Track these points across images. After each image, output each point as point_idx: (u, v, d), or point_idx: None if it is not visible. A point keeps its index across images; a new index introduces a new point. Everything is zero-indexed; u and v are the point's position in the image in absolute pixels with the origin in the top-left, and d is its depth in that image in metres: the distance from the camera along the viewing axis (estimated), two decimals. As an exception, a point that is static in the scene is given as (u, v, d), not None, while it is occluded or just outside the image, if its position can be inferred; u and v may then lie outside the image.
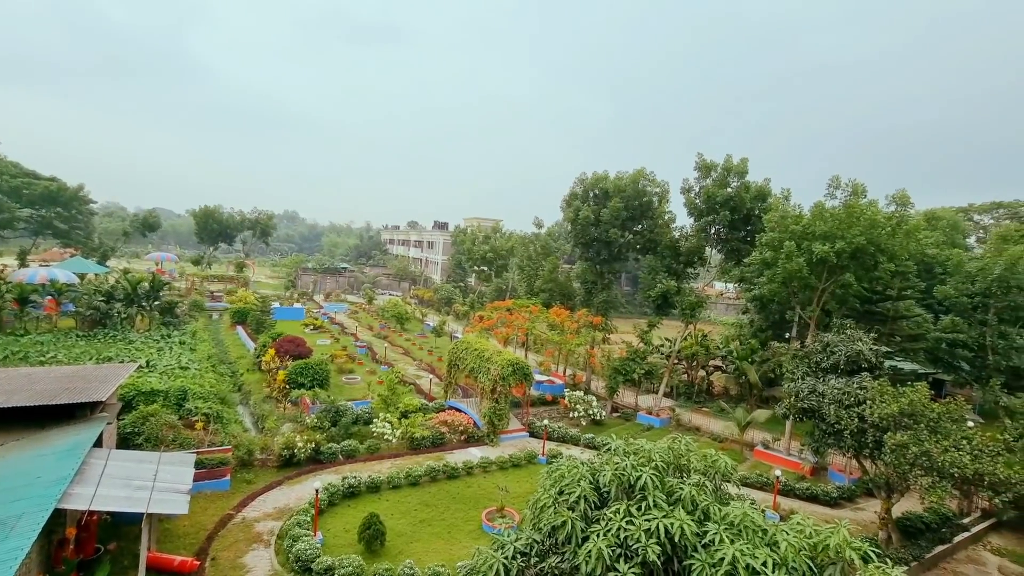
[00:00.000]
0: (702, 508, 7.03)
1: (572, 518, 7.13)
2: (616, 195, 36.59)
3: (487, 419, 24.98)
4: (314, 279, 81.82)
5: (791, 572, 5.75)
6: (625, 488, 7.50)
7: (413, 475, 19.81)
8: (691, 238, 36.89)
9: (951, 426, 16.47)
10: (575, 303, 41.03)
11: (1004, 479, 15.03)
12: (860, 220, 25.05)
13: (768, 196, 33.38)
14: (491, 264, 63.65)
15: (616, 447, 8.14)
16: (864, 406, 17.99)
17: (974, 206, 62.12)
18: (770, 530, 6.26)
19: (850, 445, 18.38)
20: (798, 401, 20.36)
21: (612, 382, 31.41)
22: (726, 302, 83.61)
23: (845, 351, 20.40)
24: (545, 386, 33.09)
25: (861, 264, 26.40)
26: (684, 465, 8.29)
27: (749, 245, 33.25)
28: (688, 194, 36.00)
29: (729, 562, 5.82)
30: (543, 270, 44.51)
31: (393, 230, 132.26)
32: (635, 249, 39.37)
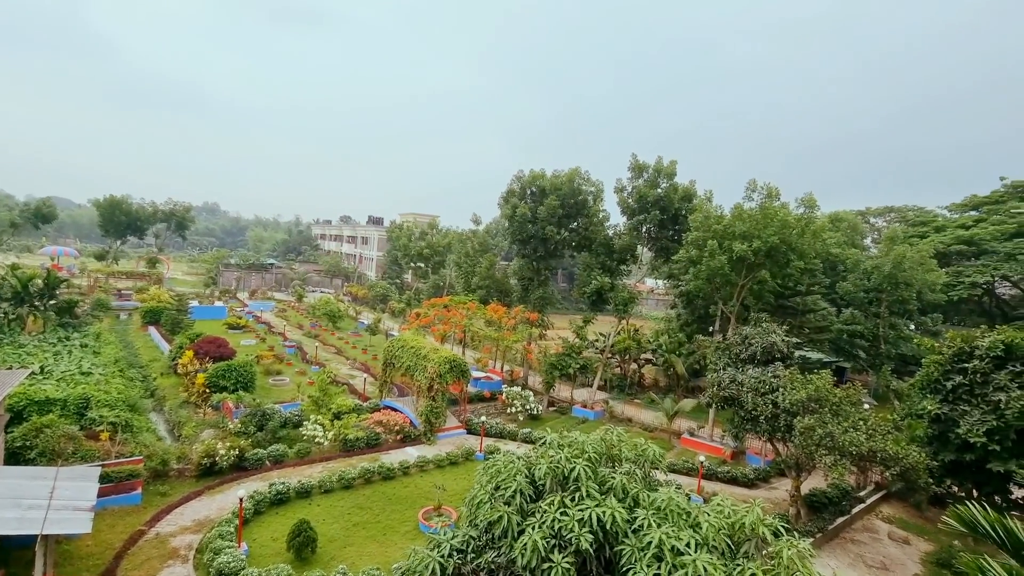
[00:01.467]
0: (632, 495, 7.31)
1: (508, 512, 7.19)
2: (553, 193, 37.16)
3: (424, 417, 24.67)
4: (238, 276, 77.09)
5: (711, 550, 6.11)
6: (560, 480, 7.65)
7: (346, 478, 19.20)
8: (624, 236, 38.17)
9: (850, 409, 18.19)
10: (512, 299, 41.34)
11: (893, 455, 16.77)
12: (774, 221, 26.99)
13: (694, 197, 35.18)
14: (428, 261, 62.79)
15: (551, 440, 8.29)
16: (777, 393, 19.49)
17: (870, 209, 68.58)
18: (693, 513, 6.62)
19: (765, 429, 19.86)
20: (720, 390, 21.70)
21: (549, 377, 31.98)
22: (656, 298, 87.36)
23: (761, 343, 21.98)
24: (483, 383, 33.16)
25: (775, 262, 28.45)
26: (616, 455, 8.59)
27: (677, 243, 34.88)
28: (621, 194, 37.20)
29: (656, 545, 6.10)
30: (480, 267, 44.47)
31: (325, 225, 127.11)
32: (571, 246, 40.19)
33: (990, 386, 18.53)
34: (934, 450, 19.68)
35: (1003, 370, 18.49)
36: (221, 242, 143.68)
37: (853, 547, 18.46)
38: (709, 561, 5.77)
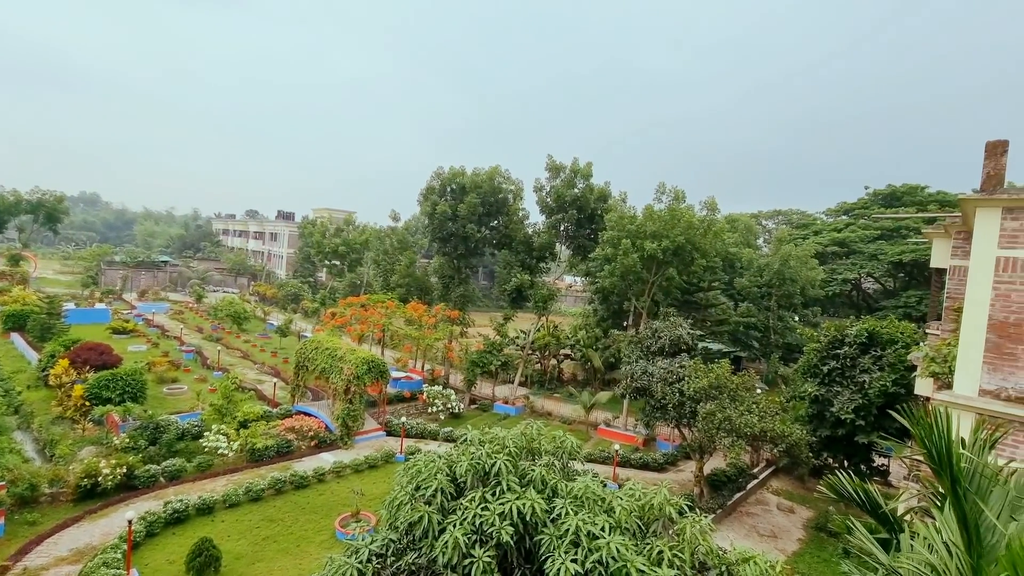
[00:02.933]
0: (551, 486, 7.50)
1: (429, 512, 7.10)
2: (473, 191, 37.21)
3: (340, 421, 23.70)
4: (124, 274, 69.42)
5: (624, 532, 6.44)
6: (481, 476, 7.68)
7: (254, 490, 17.98)
8: (543, 234, 39.11)
9: (745, 394, 19.94)
10: (433, 298, 40.89)
11: (780, 433, 18.62)
12: (680, 222, 28.95)
13: (608, 197, 36.81)
14: (344, 258, 60.32)
15: (472, 437, 8.30)
16: (683, 382, 20.91)
17: (762, 213, 75.48)
18: (608, 498, 6.93)
19: (673, 417, 21.26)
20: (633, 382, 22.91)
21: (470, 375, 31.99)
22: (574, 294, 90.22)
23: (669, 336, 23.47)
24: (403, 383, 32.48)
25: (681, 260, 30.52)
26: (536, 448, 8.77)
27: (593, 242, 36.33)
28: (540, 193, 38.07)
29: (573, 532, 6.32)
30: (400, 264, 43.49)
31: (228, 219, 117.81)
32: (491, 244, 40.52)
33: (857, 369, 21.11)
34: (813, 427, 22.07)
35: (867, 355, 21.14)
36: (103, 237, 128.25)
37: (748, 519, 20.27)
38: (621, 542, 6.08)
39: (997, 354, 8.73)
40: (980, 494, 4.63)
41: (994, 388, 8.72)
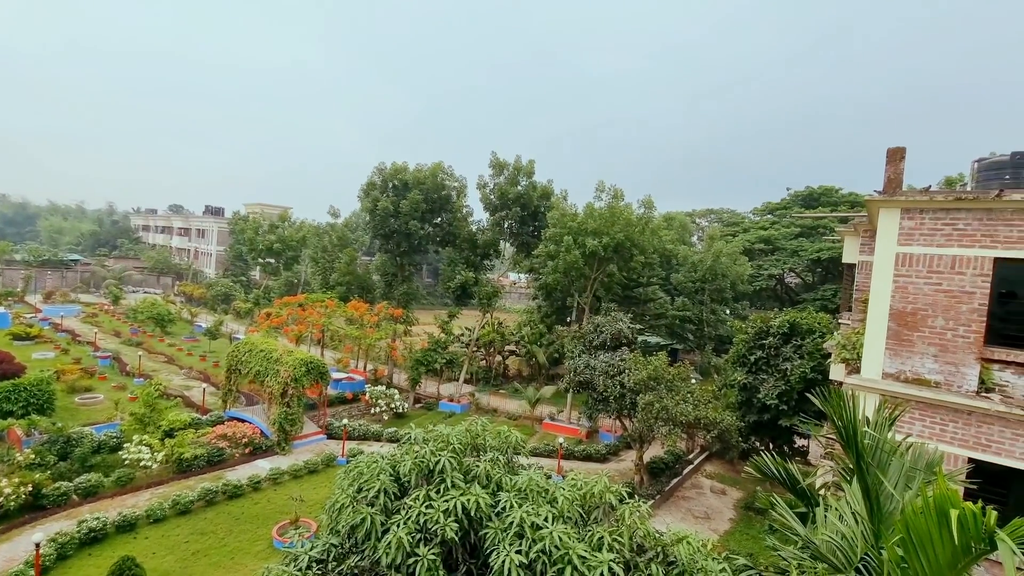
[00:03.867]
0: (496, 481, 7.57)
1: (371, 513, 6.97)
2: (416, 187, 36.57)
3: (277, 426, 22.70)
4: (26, 275, 63.01)
5: (567, 521, 6.61)
6: (425, 474, 7.62)
7: (183, 502, 16.90)
8: (487, 231, 39.09)
9: (681, 384, 20.89)
10: (375, 296, 39.93)
11: (713, 420, 19.67)
12: (619, 219, 29.84)
13: (551, 195, 37.30)
14: (280, 256, 57.61)
15: (416, 436, 8.22)
16: (623, 375, 21.63)
17: (696, 211, 79.16)
18: (551, 490, 7.08)
19: (614, 408, 21.95)
20: (576, 376, 23.44)
21: (414, 373, 31.56)
22: (519, 291, 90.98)
23: (610, 330, 24.18)
24: (344, 384, 31.59)
25: (621, 256, 31.48)
26: (481, 444, 8.80)
27: (536, 239, 36.72)
28: (484, 190, 38.00)
29: (517, 524, 6.41)
30: (340, 262, 42.09)
31: (148, 215, 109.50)
32: (435, 241, 40.01)
33: (780, 358, 22.64)
34: (742, 413, 23.47)
35: (789, 344, 22.72)
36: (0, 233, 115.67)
37: (684, 502, 21.30)
38: (564, 531, 6.23)
39: (897, 340, 9.65)
40: (881, 467, 5.13)
41: (895, 371, 9.64)
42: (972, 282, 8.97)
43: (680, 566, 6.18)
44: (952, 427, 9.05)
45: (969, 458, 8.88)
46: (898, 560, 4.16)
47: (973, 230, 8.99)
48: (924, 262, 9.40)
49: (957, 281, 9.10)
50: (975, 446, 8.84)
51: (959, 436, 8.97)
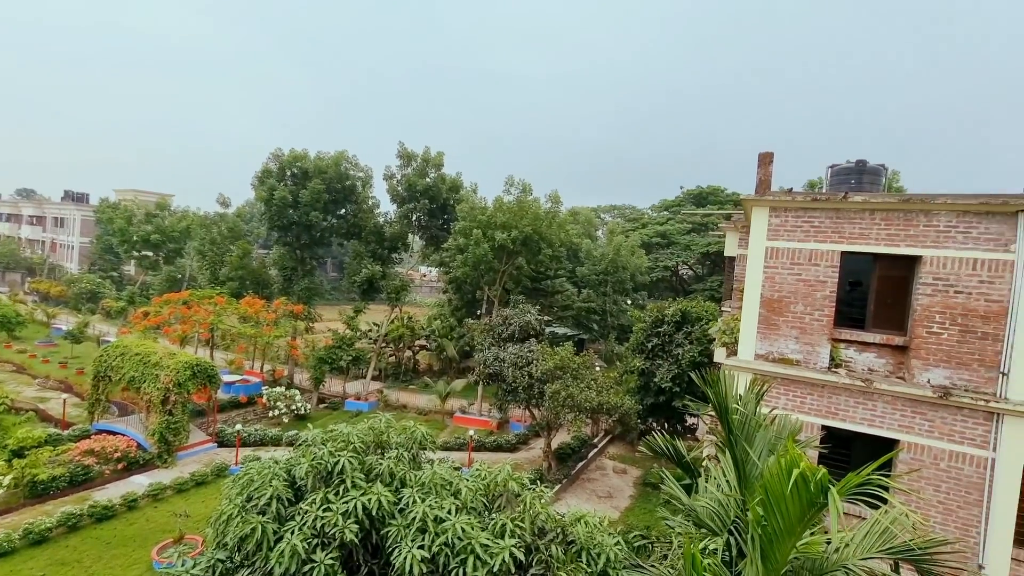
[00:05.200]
0: (399, 478, 7.43)
1: (262, 522, 6.54)
2: (317, 176, 34.59)
3: (157, 437, 20.51)
4: None
5: (470, 512, 6.66)
6: (323, 476, 7.30)
7: (37, 530, 14.74)
8: (395, 224, 38.06)
9: (586, 372, 21.85)
10: (272, 292, 37.34)
11: (614, 405, 20.80)
12: (528, 213, 30.45)
13: (461, 188, 37.14)
14: (159, 249, 51.88)
15: (313, 437, 7.82)
16: (532, 365, 22.17)
17: (601, 207, 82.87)
18: (455, 482, 7.09)
19: (523, 399, 22.45)
20: (486, 368, 23.64)
21: (318, 372, 30.03)
22: (429, 285, 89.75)
23: (519, 322, 24.65)
24: (238, 387, 29.29)
25: (530, 250, 32.16)
26: (385, 442, 8.59)
27: (446, 232, 36.41)
28: (391, 181, 36.91)
29: (420, 519, 6.35)
30: (232, 256, 38.78)
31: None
32: (339, 233, 38.21)
33: (674, 344, 24.44)
34: (641, 397, 25.06)
35: (681, 331, 24.60)
36: None
37: (589, 484, 22.38)
38: (467, 521, 6.28)
39: (766, 325, 10.80)
40: (748, 438, 5.73)
41: (764, 352, 10.79)
42: (825, 272, 10.25)
43: (578, 544, 6.47)
44: (809, 399, 10.31)
45: (823, 425, 10.18)
46: (759, 519, 4.68)
47: (825, 227, 10.26)
48: (788, 255, 10.58)
49: (813, 271, 10.35)
50: (827, 415, 10.15)
51: (815, 407, 10.26)
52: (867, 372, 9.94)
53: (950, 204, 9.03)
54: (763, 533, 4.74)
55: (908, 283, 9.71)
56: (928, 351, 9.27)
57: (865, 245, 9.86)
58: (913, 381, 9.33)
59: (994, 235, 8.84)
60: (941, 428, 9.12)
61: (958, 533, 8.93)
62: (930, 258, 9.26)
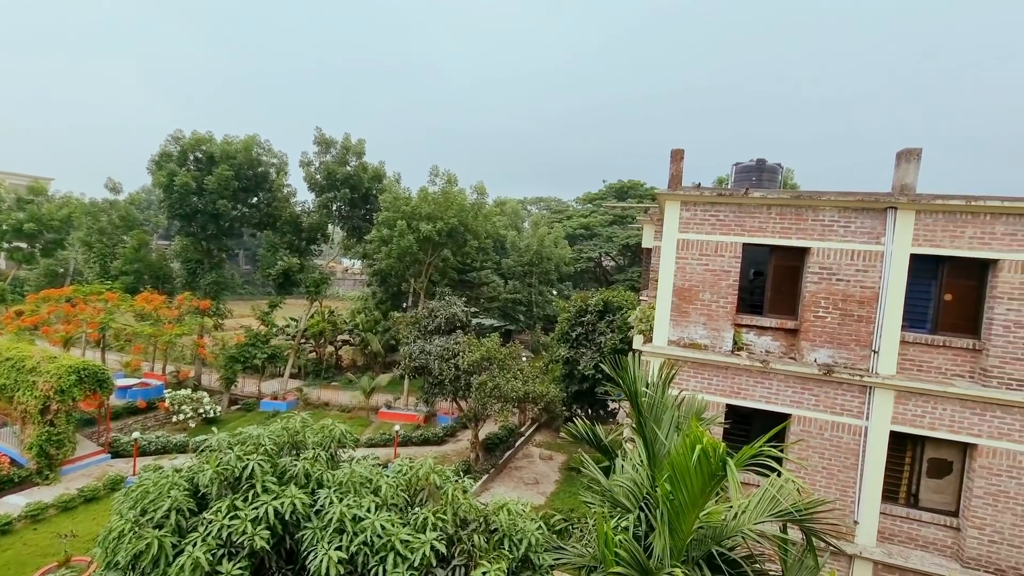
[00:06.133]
0: (316, 479, 7.12)
1: (159, 536, 6.01)
2: (225, 161, 32.01)
3: (36, 451, 18.26)
4: None
5: (391, 508, 6.53)
6: (231, 482, 6.83)
7: None
8: (313, 214, 36.18)
9: (512, 363, 22.12)
10: (175, 286, 34.31)
11: (540, 393, 21.26)
12: (453, 204, 30.14)
13: (383, 178, 35.96)
14: (35, 239, 45.83)
15: (218, 442, 7.29)
16: (458, 357, 22.09)
17: (527, 199, 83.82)
18: (375, 479, 6.91)
19: (450, 391, 22.33)
20: (412, 361, 23.23)
21: (229, 372, 28.07)
22: (353, 278, 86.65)
23: (445, 314, 24.42)
24: (136, 391, 26.80)
25: (456, 241, 31.89)
26: (300, 442, 8.18)
27: (369, 223, 35.17)
28: (308, 168, 34.96)
29: (337, 519, 6.12)
30: (125, 247, 35.11)
31: None
32: (251, 224, 35.72)
33: (596, 332, 25.36)
34: (566, 384, 25.81)
35: (603, 320, 25.56)
36: None
37: (516, 472, 22.77)
38: (387, 518, 6.15)
39: (678, 312, 11.45)
40: (657, 419, 6.06)
41: (676, 338, 11.46)
42: (729, 263, 11.03)
43: (501, 532, 6.55)
44: (716, 380, 11.10)
45: (727, 404, 11.00)
46: (667, 494, 4.98)
47: (729, 220, 11.03)
48: (697, 246, 11.26)
49: (719, 262, 11.10)
50: (730, 394, 10.98)
51: (720, 387, 11.06)
52: (765, 354, 10.85)
53: (833, 201, 10.01)
54: (671, 507, 5.05)
55: (799, 272, 10.68)
56: (815, 333, 10.27)
57: (763, 237, 10.71)
58: (802, 360, 10.32)
59: (868, 229, 9.92)
60: (825, 402, 10.17)
61: (839, 494, 10.04)
62: (817, 249, 10.23)
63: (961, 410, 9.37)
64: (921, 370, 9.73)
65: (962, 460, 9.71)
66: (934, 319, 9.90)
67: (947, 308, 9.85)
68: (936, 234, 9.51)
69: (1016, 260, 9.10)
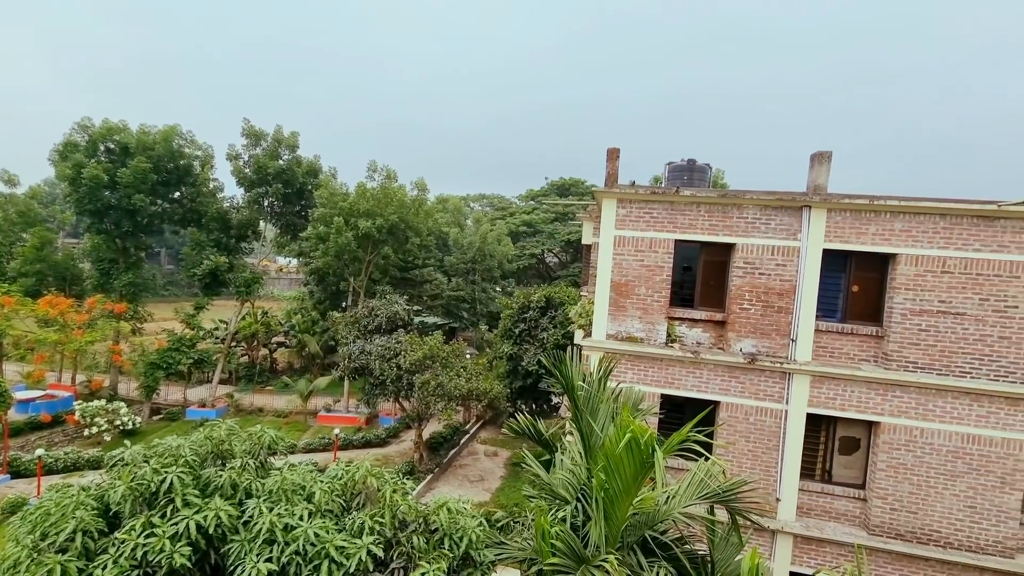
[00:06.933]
0: (244, 488, 6.74)
1: (62, 562, 5.49)
2: (142, 153, 29.65)
3: (-83, 475, 16.23)
4: None
5: (325, 515, 6.30)
6: (146, 498, 6.34)
7: None
8: (243, 210, 34.27)
9: (456, 361, 21.97)
10: (85, 288, 31.49)
11: (484, 390, 21.28)
12: (394, 200, 29.50)
13: (319, 173, 34.61)
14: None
15: (131, 455, 6.74)
16: (400, 357, 21.69)
17: (470, 196, 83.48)
18: (308, 486, 6.63)
19: (392, 391, 21.88)
20: (351, 362, 22.55)
21: (150, 380, 26.13)
22: (289, 277, 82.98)
23: (386, 313, 23.90)
24: (39, 404, 24.45)
25: (396, 238, 31.24)
26: (226, 451, 7.73)
27: (304, 220, 33.77)
28: (236, 162, 33.04)
29: (267, 530, 5.84)
30: (24, 246, 31.81)
31: None
32: (173, 220, 33.34)
33: (539, 328, 25.68)
34: (510, 381, 25.98)
35: (545, 316, 25.91)
36: None
37: (461, 470, 22.68)
38: (321, 526, 5.93)
39: (615, 307, 11.77)
40: (592, 412, 6.21)
41: (614, 332, 11.78)
42: (662, 258, 11.45)
43: (441, 531, 6.48)
44: (651, 372, 11.51)
45: (662, 394, 11.45)
46: (602, 484, 5.10)
47: (663, 218, 11.44)
48: (633, 243, 11.61)
49: (653, 258, 11.50)
50: (665, 384, 11.43)
51: (655, 378, 11.48)
52: (696, 345, 11.37)
53: (755, 199, 10.62)
54: (605, 496, 5.18)
55: (726, 267, 11.25)
56: (740, 324, 10.87)
57: (693, 234, 11.20)
58: (729, 351, 10.90)
59: (786, 226, 10.61)
60: (750, 388, 10.79)
61: (763, 474, 10.70)
62: (741, 245, 10.82)
63: (867, 391, 10.24)
64: (833, 356, 10.54)
65: (868, 437, 10.61)
66: (843, 309, 10.74)
67: (854, 299, 10.72)
68: (845, 231, 10.31)
69: (911, 254, 10.03)
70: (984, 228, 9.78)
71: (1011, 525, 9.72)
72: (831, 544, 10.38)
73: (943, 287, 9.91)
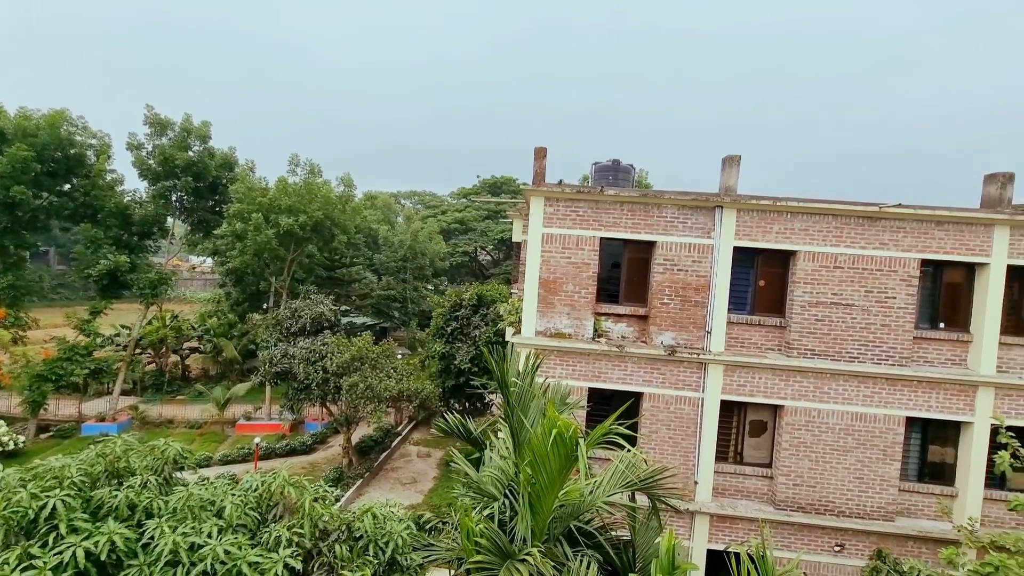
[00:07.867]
0: (143, 508, 6.17)
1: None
2: (22, 140, 26.34)
3: None
4: None
5: (238, 530, 5.90)
6: (23, 527, 5.64)
7: None
8: (147, 204, 31.39)
9: (386, 361, 21.42)
10: (-47, 292, 27.56)
11: (416, 391, 20.91)
12: (318, 196, 28.23)
13: (235, 166, 32.43)
14: None
15: (4, 479, 5.97)
16: (326, 359, 20.83)
17: (401, 192, 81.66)
18: (218, 500, 6.18)
19: (318, 395, 20.98)
20: (273, 366, 21.40)
21: (35, 395, 23.35)
22: (204, 277, 77.27)
23: (310, 314, 22.85)
24: None
25: (321, 236, 29.93)
26: (123, 468, 7.04)
27: (219, 216, 31.52)
28: (138, 152, 30.20)
29: (171, 551, 5.37)
30: None
31: None
32: (63, 216, 29.95)
33: (471, 326, 25.57)
34: (442, 380, 25.67)
35: (477, 314, 25.85)
36: None
37: (393, 473, 22.17)
38: (232, 541, 5.54)
39: (544, 304, 11.95)
40: (523, 408, 6.25)
41: (543, 328, 11.96)
42: (589, 256, 11.76)
43: (366, 537, 6.27)
44: (579, 366, 11.80)
45: (589, 388, 11.77)
46: (529, 478, 5.15)
47: (588, 216, 11.75)
48: (560, 240, 11.83)
49: (580, 255, 11.79)
50: (592, 378, 11.76)
51: (583, 372, 11.78)
52: (621, 339, 11.78)
53: (673, 199, 11.16)
54: (532, 490, 5.23)
55: (648, 264, 11.74)
56: (661, 318, 11.40)
57: (618, 232, 11.59)
58: (651, 344, 11.40)
59: (701, 224, 11.24)
60: (670, 379, 11.35)
61: (683, 459, 11.30)
62: (661, 243, 11.34)
63: (772, 378, 11.08)
64: (743, 346, 11.31)
65: (773, 420, 11.50)
66: (752, 302, 11.55)
67: (761, 292, 11.56)
68: (752, 229, 11.09)
69: (809, 251, 10.96)
70: (868, 227, 10.88)
71: (891, 492, 10.91)
72: (743, 520, 11.15)
73: (835, 281, 10.93)
